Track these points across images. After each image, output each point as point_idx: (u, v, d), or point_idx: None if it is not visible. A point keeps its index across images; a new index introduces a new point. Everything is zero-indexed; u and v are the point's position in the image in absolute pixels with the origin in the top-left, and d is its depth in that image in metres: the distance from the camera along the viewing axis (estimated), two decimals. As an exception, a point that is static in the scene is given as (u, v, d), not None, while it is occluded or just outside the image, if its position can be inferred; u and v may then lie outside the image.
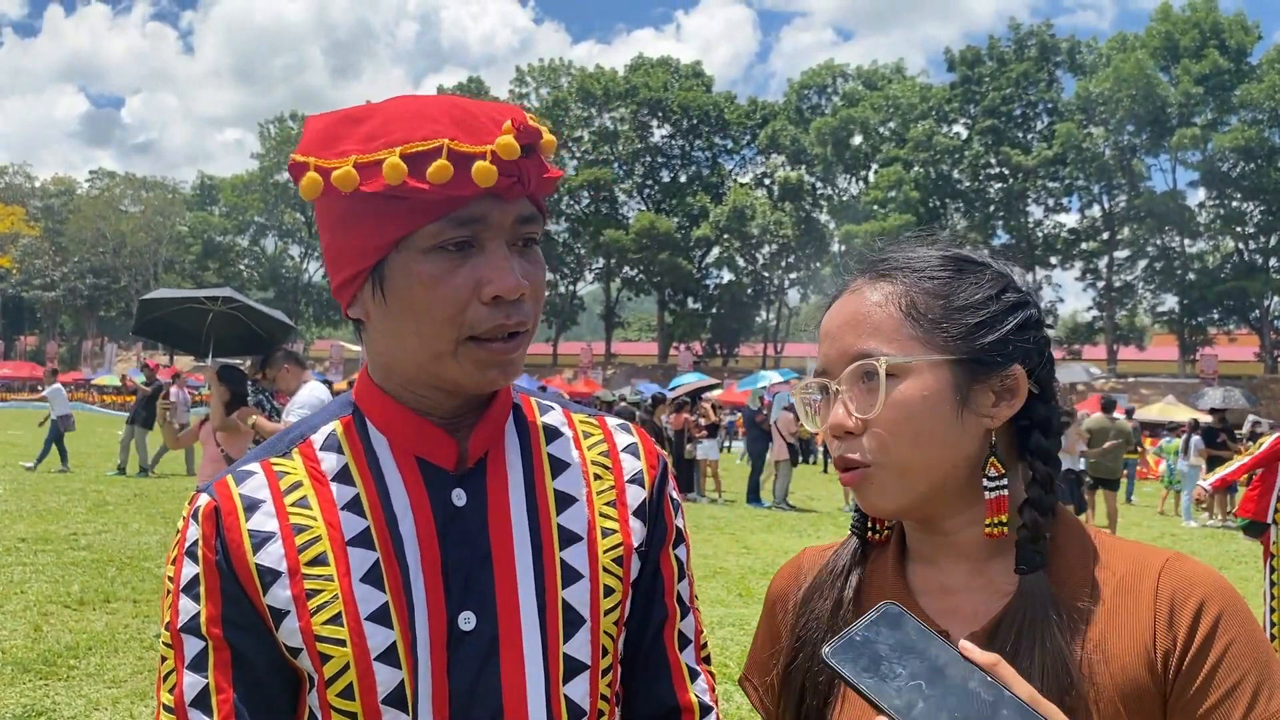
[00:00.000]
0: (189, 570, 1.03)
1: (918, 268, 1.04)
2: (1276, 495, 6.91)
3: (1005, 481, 1.00)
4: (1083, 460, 13.12)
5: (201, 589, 1.01)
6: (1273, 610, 6.95)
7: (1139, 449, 20.90)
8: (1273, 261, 50.60)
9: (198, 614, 1.01)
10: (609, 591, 1.11)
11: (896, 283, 1.03)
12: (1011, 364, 1.00)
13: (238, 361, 8.03)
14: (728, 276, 61.92)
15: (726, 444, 25.45)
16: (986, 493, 1.00)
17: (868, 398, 1.00)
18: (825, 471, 24.81)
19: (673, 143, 63.92)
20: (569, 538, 1.10)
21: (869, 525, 1.14)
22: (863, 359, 1.00)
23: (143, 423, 17.06)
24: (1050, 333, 1.08)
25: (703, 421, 18.51)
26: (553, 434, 1.17)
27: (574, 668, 1.07)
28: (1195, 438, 17.30)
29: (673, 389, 21.42)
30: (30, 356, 71.67)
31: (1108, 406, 14.44)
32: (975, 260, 1.05)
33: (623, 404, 17.20)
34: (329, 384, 12.47)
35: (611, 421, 1.23)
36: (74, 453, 17.06)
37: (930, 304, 1.01)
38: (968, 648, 0.84)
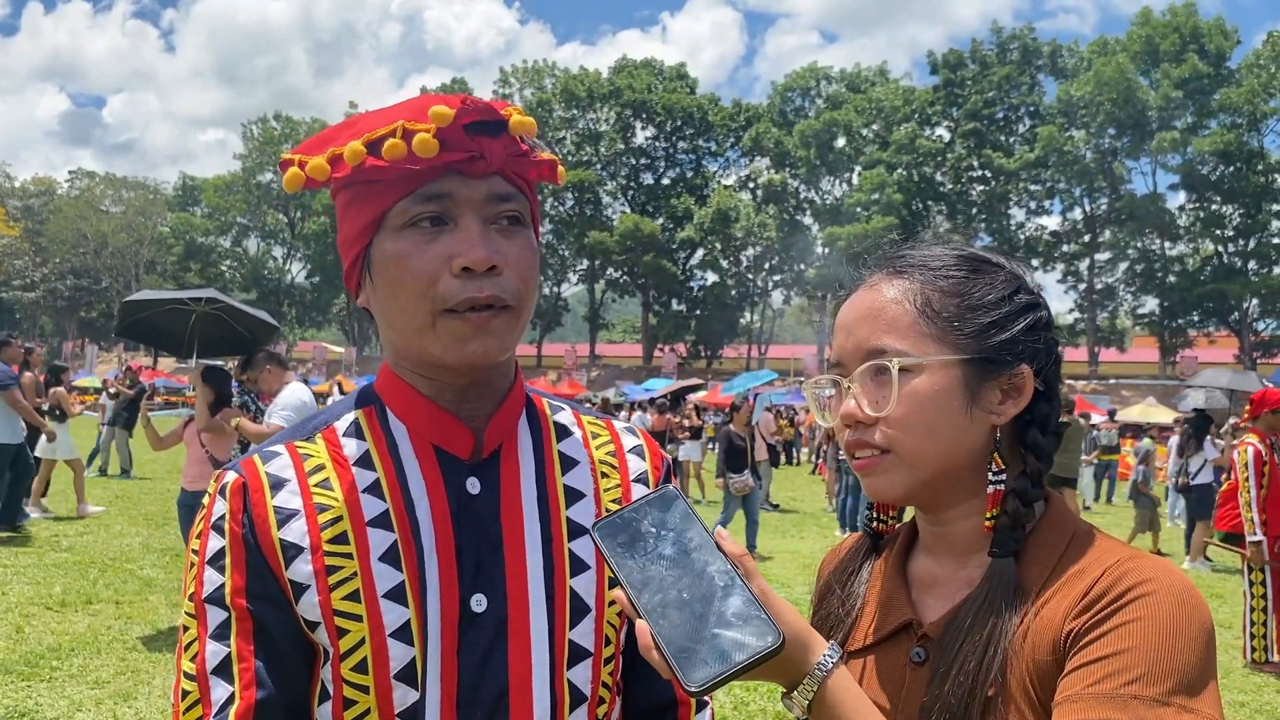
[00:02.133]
0: (215, 543, 1.06)
1: (934, 266, 1.06)
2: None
3: (1005, 476, 1.03)
4: None
5: (227, 561, 1.05)
6: (1252, 610, 7.05)
7: (1119, 450, 21.05)
8: (1252, 264, 51.01)
9: (222, 585, 1.04)
10: (614, 584, 1.14)
11: (912, 280, 1.06)
12: (1020, 364, 1.03)
13: (221, 362, 8.01)
14: (712, 278, 61.95)
15: (710, 445, 25.47)
16: (990, 487, 1.03)
17: (880, 391, 1.02)
18: (813, 473, 24.88)
19: (657, 145, 63.94)
20: (577, 530, 1.15)
21: (875, 515, 1.19)
22: (877, 355, 1.03)
23: (124, 424, 16.97)
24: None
25: (685, 423, 18.55)
26: (563, 432, 1.22)
27: (578, 654, 1.11)
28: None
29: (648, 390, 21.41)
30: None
31: (1068, 408, 14.57)
32: (990, 261, 1.08)
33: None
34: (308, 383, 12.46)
35: (618, 424, 1.29)
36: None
37: (945, 302, 1.03)
38: (721, 534, 0.88)
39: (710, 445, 26.26)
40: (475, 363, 1.07)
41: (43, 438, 11.36)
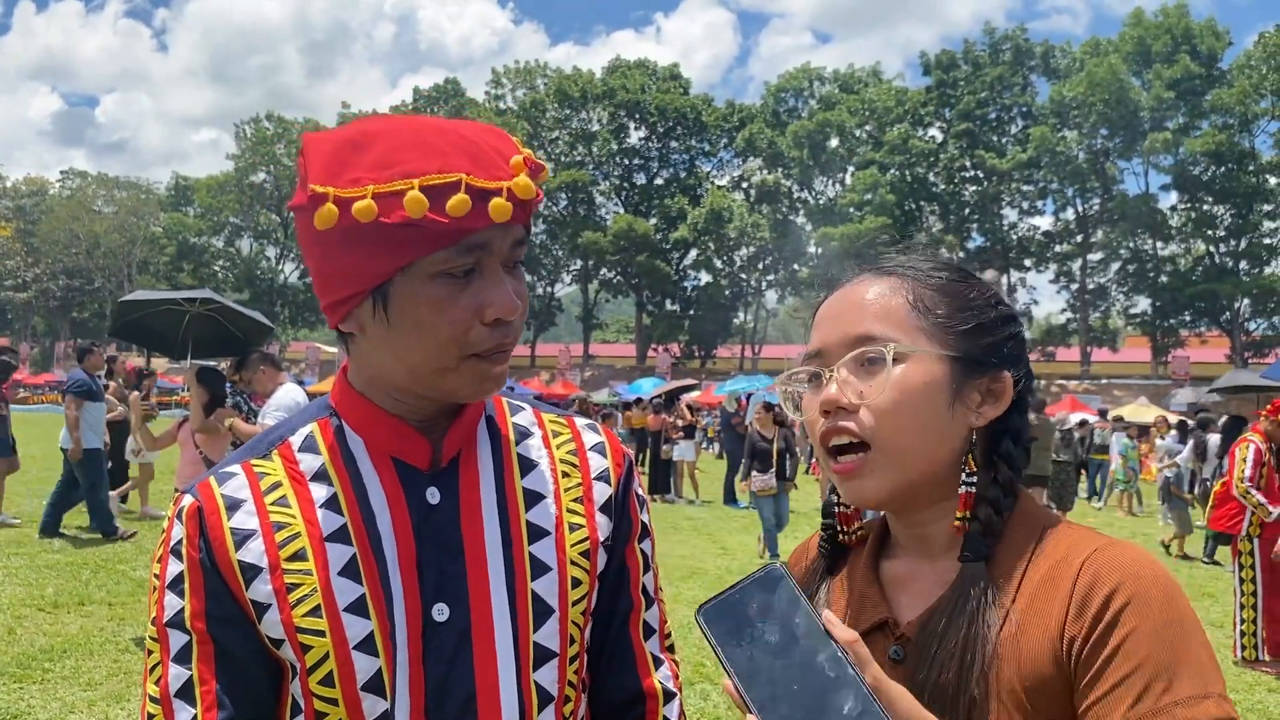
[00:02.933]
0: (174, 568, 1.07)
1: (922, 268, 1.09)
2: (1250, 513, 7.04)
3: (976, 479, 1.04)
4: None
5: (186, 585, 1.06)
6: (1242, 608, 7.09)
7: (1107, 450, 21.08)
8: (1243, 264, 51.20)
9: (182, 609, 1.05)
10: (576, 583, 1.16)
11: (903, 278, 1.08)
12: (1003, 369, 1.06)
13: (214, 362, 8.00)
14: (705, 278, 62.00)
15: (705, 445, 25.46)
16: (962, 487, 1.04)
17: (866, 379, 1.02)
18: (807, 472, 24.89)
19: (650, 145, 63.96)
20: (537, 533, 1.16)
21: (840, 529, 1.19)
22: (867, 341, 1.03)
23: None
24: (1026, 336, 1.14)
25: (679, 423, 18.56)
26: (522, 434, 1.23)
27: (543, 655, 1.12)
28: (1214, 437, 17.22)
29: (633, 393, 21.44)
30: (1, 358, 70.75)
31: (1038, 407, 14.67)
32: (973, 274, 1.12)
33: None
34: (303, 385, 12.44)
35: (580, 421, 1.29)
36: (47, 455, 16.81)
37: (936, 299, 1.05)
38: (830, 620, 0.85)
39: (706, 445, 26.31)
40: (486, 397, 1.11)
41: (128, 441, 11.43)
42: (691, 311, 61.94)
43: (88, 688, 5.43)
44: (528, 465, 1.20)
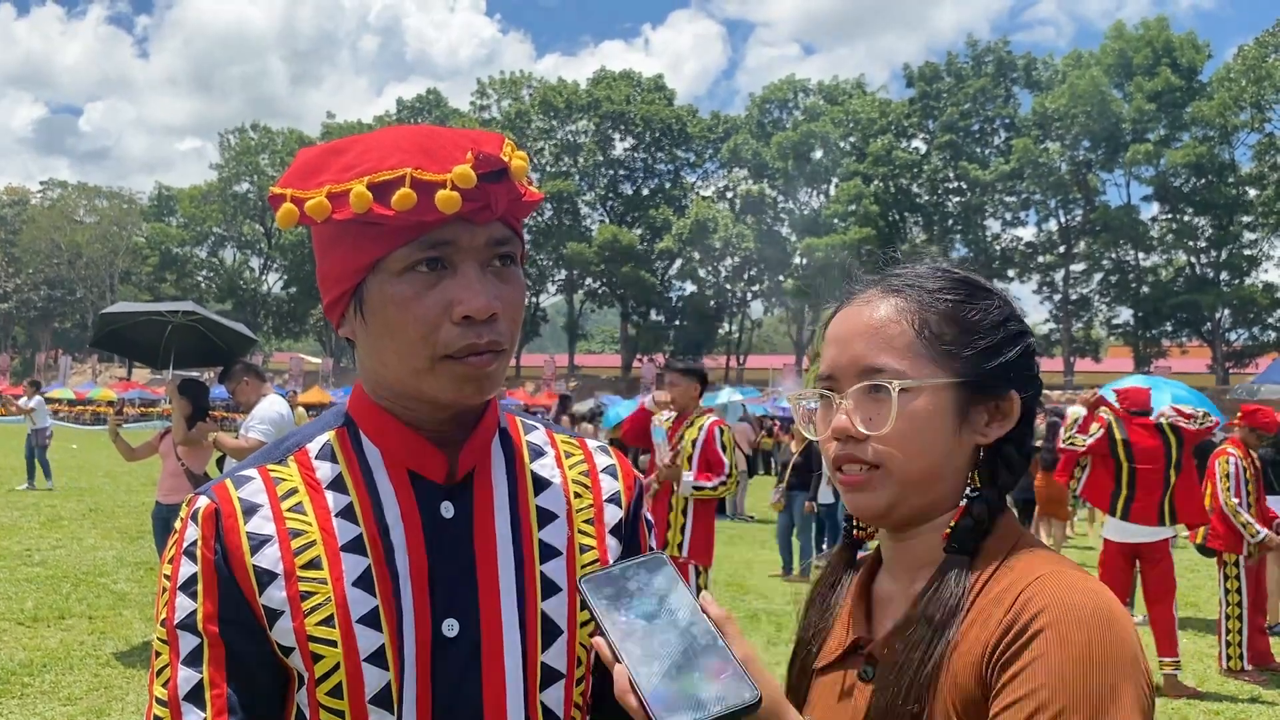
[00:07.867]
0: (187, 569, 1.06)
1: (930, 288, 1.07)
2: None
3: (979, 495, 1.04)
4: None
5: (199, 587, 1.05)
6: (1228, 618, 7.11)
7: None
8: (1224, 275, 51.59)
9: (194, 611, 1.04)
10: (585, 605, 1.15)
11: (909, 299, 1.06)
12: (1010, 389, 1.05)
13: (198, 373, 7.94)
14: (690, 289, 62.09)
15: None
16: (964, 500, 1.04)
17: (875, 409, 1.03)
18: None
19: (635, 155, 64.07)
20: (549, 552, 1.15)
21: (855, 523, 1.18)
22: (874, 374, 1.03)
23: None
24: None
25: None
26: (536, 453, 1.22)
27: (550, 676, 1.11)
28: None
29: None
30: (-19, 369, 70.22)
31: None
32: (984, 286, 1.09)
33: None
34: (292, 394, 12.36)
35: (591, 444, 1.29)
36: (25, 467, 16.66)
37: (942, 325, 1.04)
38: (705, 599, 0.89)
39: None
40: (470, 403, 1.08)
41: None
42: (676, 322, 61.97)
43: (67, 702, 5.37)
44: (541, 484, 1.19)
